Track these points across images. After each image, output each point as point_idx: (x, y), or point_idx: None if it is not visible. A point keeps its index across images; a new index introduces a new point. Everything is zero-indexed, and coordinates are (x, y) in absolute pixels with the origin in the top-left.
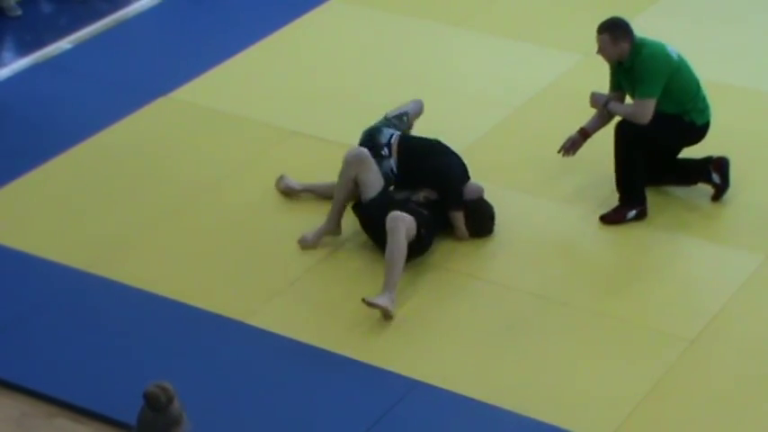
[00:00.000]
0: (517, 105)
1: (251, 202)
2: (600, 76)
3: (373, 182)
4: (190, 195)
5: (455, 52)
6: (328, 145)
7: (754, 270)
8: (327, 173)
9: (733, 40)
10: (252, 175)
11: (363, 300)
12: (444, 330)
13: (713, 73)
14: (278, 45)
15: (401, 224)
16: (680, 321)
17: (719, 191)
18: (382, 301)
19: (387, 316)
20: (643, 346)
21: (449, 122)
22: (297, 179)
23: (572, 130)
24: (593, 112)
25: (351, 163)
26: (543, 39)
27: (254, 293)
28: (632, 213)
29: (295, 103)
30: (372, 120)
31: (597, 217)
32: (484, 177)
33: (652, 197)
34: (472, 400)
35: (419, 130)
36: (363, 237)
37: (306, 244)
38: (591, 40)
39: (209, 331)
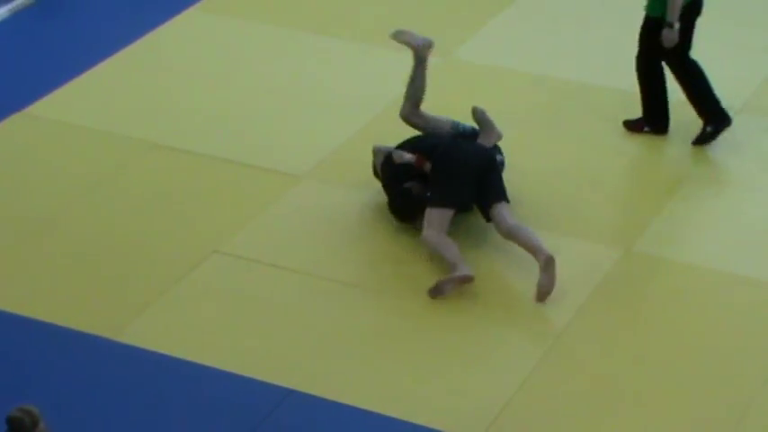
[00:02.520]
0: (379, 111)
1: (113, 216)
2: (459, 78)
3: None
4: (50, 212)
5: (316, 59)
6: (191, 156)
7: (615, 264)
8: (190, 185)
9: (586, 40)
10: (114, 190)
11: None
12: (313, 336)
13: (570, 72)
14: (136, 57)
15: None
16: (545, 317)
17: (704, 138)
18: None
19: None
20: (509, 342)
21: (313, 128)
22: (160, 192)
23: None
24: (453, 111)
25: None
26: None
27: (121, 309)
28: (648, 128)
29: (155, 116)
30: (234, 129)
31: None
32: (348, 182)
33: (514, 191)
34: (345, 405)
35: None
36: (238, 246)
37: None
38: (451, 41)
39: (76, 350)
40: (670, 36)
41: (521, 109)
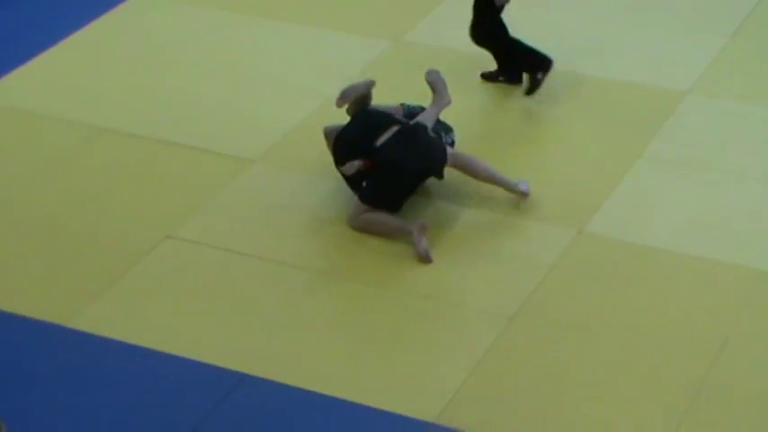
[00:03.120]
0: (330, 94)
1: (64, 201)
2: (409, 61)
3: None
4: (0, 199)
5: (266, 43)
6: (142, 141)
7: (568, 244)
8: (141, 170)
9: (532, 20)
10: (64, 175)
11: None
12: (267, 320)
13: None
14: (84, 42)
15: None
16: (497, 299)
17: (534, 86)
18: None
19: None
20: (462, 325)
21: (264, 113)
22: (111, 178)
23: None
24: (404, 95)
25: None
26: (351, 27)
27: (73, 295)
28: (502, 78)
29: (105, 101)
30: (184, 113)
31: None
32: (300, 166)
33: (452, 173)
34: (298, 389)
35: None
36: (191, 231)
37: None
38: (400, 25)
39: (28, 337)
40: None
41: (469, 91)
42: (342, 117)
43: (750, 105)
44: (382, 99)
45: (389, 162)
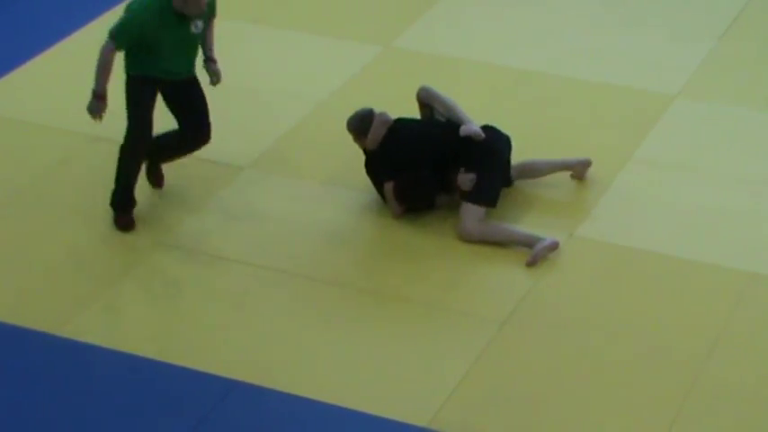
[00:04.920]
0: (321, 99)
1: (56, 210)
2: (400, 67)
3: None
4: None
5: (256, 50)
6: None
7: (561, 248)
8: None
9: (526, 27)
10: (57, 183)
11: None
12: (257, 327)
13: (510, 59)
14: (73, 50)
15: None
16: (489, 304)
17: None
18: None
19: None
20: (454, 329)
21: (255, 119)
22: (103, 186)
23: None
24: (394, 101)
25: None
26: (342, 32)
27: (64, 303)
28: None
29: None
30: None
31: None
32: (292, 173)
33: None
34: (290, 395)
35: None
36: (182, 238)
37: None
38: (390, 31)
39: (18, 346)
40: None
41: (461, 97)
42: (333, 122)
43: (739, 108)
44: (375, 105)
45: (491, 152)
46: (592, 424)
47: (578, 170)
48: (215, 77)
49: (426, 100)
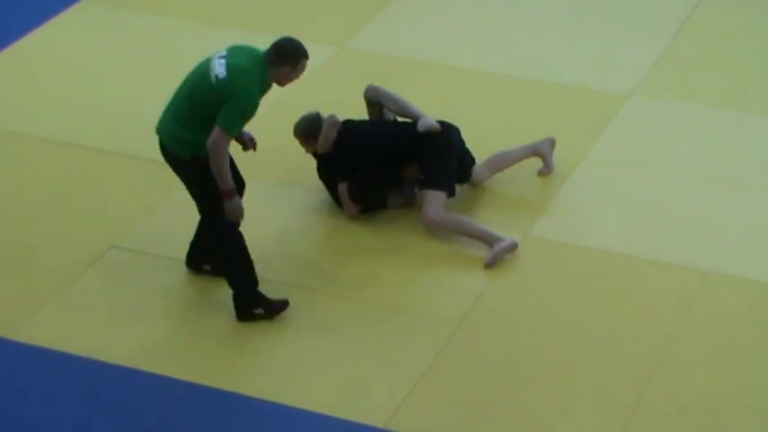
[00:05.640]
0: (276, 100)
1: (7, 213)
2: (354, 68)
3: None
4: None
5: (208, 50)
6: (84, 151)
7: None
8: (85, 180)
9: (477, 26)
10: (7, 187)
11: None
12: (214, 329)
13: (461, 59)
14: (24, 52)
15: None
16: (445, 304)
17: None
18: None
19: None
20: (411, 330)
21: None
22: (55, 188)
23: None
24: (349, 102)
25: None
26: (296, 33)
27: (17, 307)
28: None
29: (45, 111)
30: (127, 122)
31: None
32: (245, 172)
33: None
34: (248, 397)
35: None
36: (136, 240)
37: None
38: (344, 31)
39: None
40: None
41: (414, 97)
42: (288, 123)
43: (693, 106)
44: (327, 107)
45: (445, 142)
46: (547, 423)
47: (545, 151)
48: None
49: (375, 98)
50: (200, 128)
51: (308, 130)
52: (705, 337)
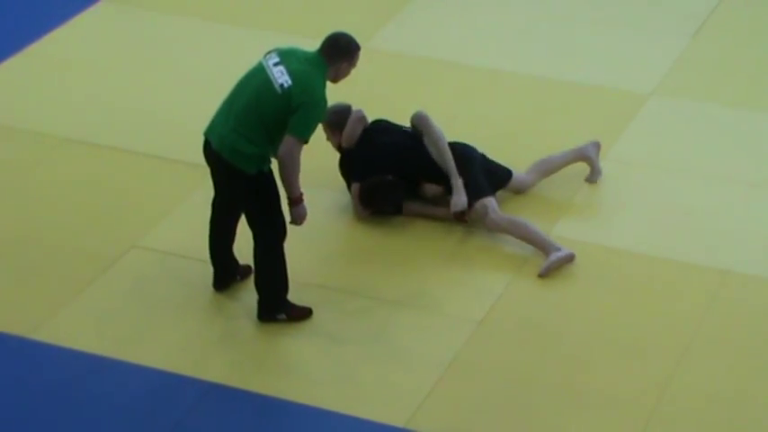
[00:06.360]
0: None
1: (28, 213)
2: (373, 68)
3: None
4: None
5: (229, 50)
6: (105, 151)
7: (529, 255)
8: (105, 180)
9: (500, 26)
10: (28, 186)
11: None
12: (235, 329)
13: (483, 59)
14: (45, 51)
15: None
16: (466, 304)
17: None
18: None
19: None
20: (431, 330)
21: None
22: (75, 188)
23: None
24: (368, 102)
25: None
26: (315, 33)
27: (37, 307)
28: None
29: (67, 110)
30: (147, 122)
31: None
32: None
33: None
34: (268, 397)
35: None
36: (156, 241)
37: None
38: (363, 32)
39: None
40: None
41: (434, 97)
42: None
43: (713, 105)
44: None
45: (466, 158)
46: (567, 422)
47: (591, 155)
48: None
49: (419, 127)
50: (266, 140)
51: (336, 120)
52: (726, 336)
